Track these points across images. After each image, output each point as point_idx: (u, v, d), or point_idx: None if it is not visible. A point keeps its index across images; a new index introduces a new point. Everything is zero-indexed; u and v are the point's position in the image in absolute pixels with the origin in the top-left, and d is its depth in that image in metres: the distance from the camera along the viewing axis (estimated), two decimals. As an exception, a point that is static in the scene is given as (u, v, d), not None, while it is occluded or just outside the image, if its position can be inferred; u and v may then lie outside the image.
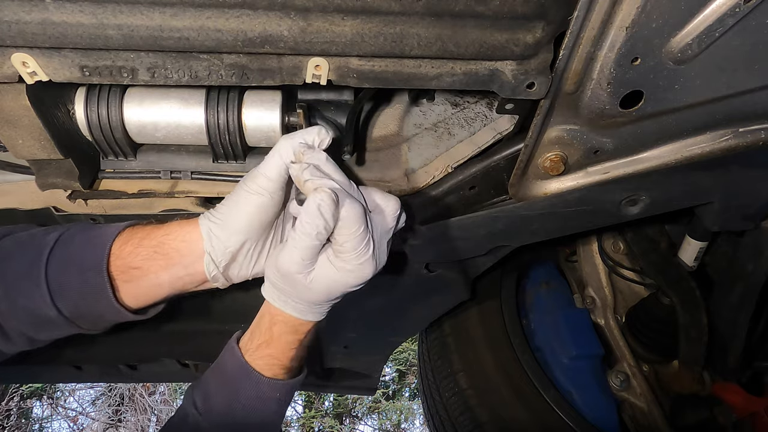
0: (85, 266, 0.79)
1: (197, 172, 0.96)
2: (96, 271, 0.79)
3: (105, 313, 0.81)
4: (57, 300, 0.78)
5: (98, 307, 0.80)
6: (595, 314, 1.71)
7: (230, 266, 0.83)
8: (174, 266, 0.81)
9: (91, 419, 6.67)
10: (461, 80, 0.78)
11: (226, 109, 0.88)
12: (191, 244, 0.81)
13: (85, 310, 0.80)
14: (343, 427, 6.98)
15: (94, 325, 0.84)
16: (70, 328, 0.82)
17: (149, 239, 0.82)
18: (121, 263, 0.80)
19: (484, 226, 1.04)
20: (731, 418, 1.44)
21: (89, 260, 0.79)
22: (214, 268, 0.81)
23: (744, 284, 1.35)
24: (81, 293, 0.79)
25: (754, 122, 0.87)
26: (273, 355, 0.85)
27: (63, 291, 0.78)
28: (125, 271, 0.81)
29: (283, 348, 0.85)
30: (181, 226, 0.83)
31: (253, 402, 0.84)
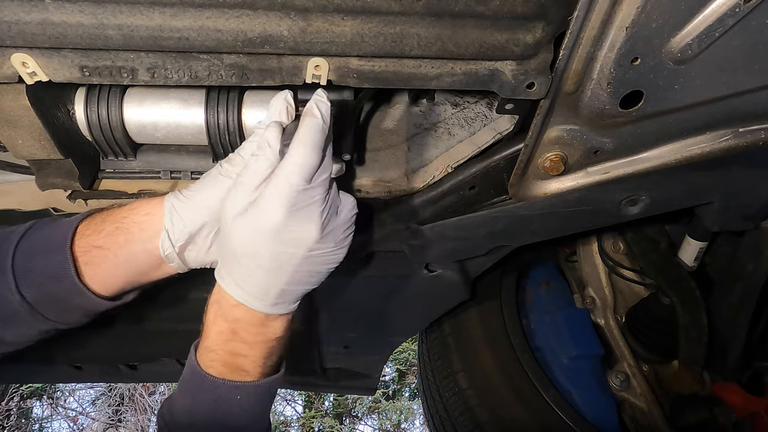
0: (49, 247, 0.76)
1: (197, 172, 0.96)
2: (59, 250, 0.75)
3: (70, 296, 0.77)
4: (21, 286, 0.74)
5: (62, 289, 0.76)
6: (595, 314, 1.71)
7: (187, 248, 0.80)
8: (133, 242, 0.78)
9: (91, 419, 6.66)
10: (461, 80, 0.78)
11: (226, 110, 0.88)
12: (153, 218, 0.78)
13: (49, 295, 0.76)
14: (343, 427, 6.98)
15: (61, 314, 0.79)
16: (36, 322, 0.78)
17: (113, 216, 0.79)
18: (84, 242, 0.77)
19: (484, 226, 1.04)
20: (731, 418, 1.44)
21: (54, 241, 0.77)
22: (170, 246, 0.78)
23: (744, 284, 1.35)
24: (44, 275, 0.75)
25: (754, 122, 0.87)
26: (210, 347, 0.78)
27: (27, 276, 0.75)
28: (87, 250, 0.77)
29: (216, 338, 0.78)
30: (147, 201, 0.80)
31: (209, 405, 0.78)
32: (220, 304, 0.78)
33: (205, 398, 0.78)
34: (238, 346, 0.78)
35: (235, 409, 0.78)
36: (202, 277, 1.09)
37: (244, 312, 0.77)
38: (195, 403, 0.78)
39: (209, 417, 0.78)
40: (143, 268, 0.80)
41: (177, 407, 0.80)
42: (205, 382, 0.77)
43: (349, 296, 1.35)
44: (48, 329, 0.80)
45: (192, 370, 0.79)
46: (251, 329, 0.77)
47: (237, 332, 0.77)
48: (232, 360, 0.78)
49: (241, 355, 0.78)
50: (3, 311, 0.75)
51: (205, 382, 0.78)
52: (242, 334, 0.77)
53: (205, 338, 0.79)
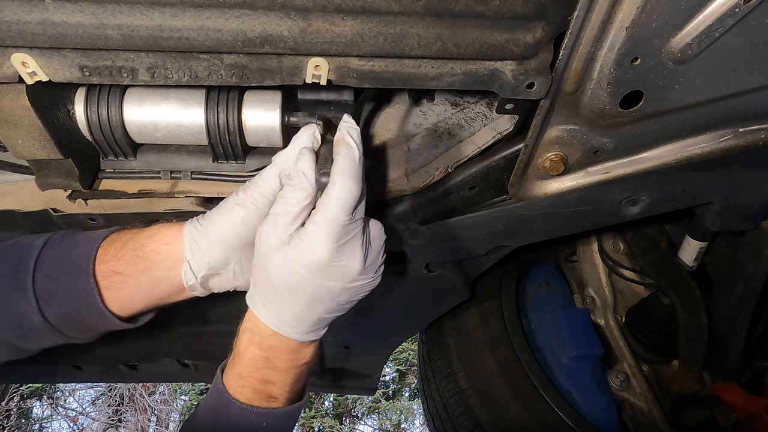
0: (71, 270, 0.77)
1: (197, 172, 0.96)
2: (83, 275, 0.76)
3: (91, 318, 0.78)
4: (43, 306, 0.76)
5: (85, 312, 0.78)
6: (595, 314, 1.71)
7: (210, 278, 0.81)
8: (153, 270, 0.79)
9: (91, 419, 6.67)
10: (461, 80, 0.78)
11: (226, 109, 0.88)
12: (172, 247, 0.79)
13: (70, 316, 0.78)
14: (343, 427, 6.98)
15: (79, 332, 0.81)
16: (53, 337, 0.79)
17: (132, 242, 0.80)
18: (104, 267, 0.78)
19: (484, 226, 1.04)
20: (731, 418, 1.44)
21: (76, 263, 0.78)
22: (192, 276, 0.79)
23: (744, 284, 1.35)
24: (68, 298, 0.77)
25: (754, 122, 0.87)
26: (241, 375, 0.79)
27: (49, 296, 0.76)
28: (107, 275, 0.78)
29: (249, 366, 0.78)
30: (166, 229, 0.81)
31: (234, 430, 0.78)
32: (253, 332, 0.78)
33: (230, 423, 0.78)
34: (270, 374, 0.79)
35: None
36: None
37: (279, 341, 0.77)
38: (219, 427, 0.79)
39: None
40: (164, 294, 0.82)
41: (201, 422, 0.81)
42: (233, 407, 0.78)
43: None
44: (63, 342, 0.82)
45: (219, 393, 0.79)
46: (284, 356, 0.78)
47: (270, 360, 0.78)
48: (262, 387, 0.79)
49: (271, 382, 0.79)
50: (23, 326, 0.77)
51: (233, 408, 0.78)
52: (275, 361, 0.78)
53: (236, 364, 0.79)
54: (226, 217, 0.78)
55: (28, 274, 0.76)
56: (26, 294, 0.75)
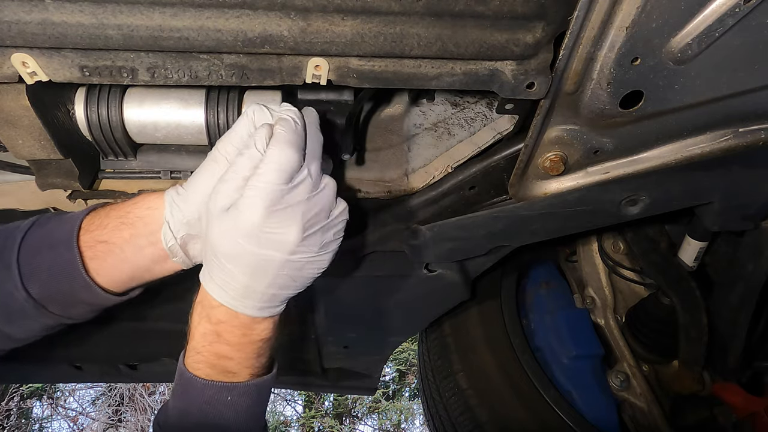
0: (55, 243, 0.76)
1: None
2: (66, 247, 0.76)
3: (76, 291, 0.77)
4: (26, 281, 0.74)
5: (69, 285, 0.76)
6: (595, 314, 1.71)
7: (189, 243, 0.79)
8: (137, 236, 0.78)
9: (91, 419, 6.66)
10: (461, 80, 0.78)
11: (226, 109, 0.88)
12: (155, 211, 0.78)
13: (55, 290, 0.77)
14: (343, 427, 6.98)
15: (65, 308, 0.79)
16: (42, 317, 0.78)
17: (117, 210, 0.79)
18: (89, 237, 0.77)
19: (484, 226, 1.04)
20: (731, 418, 1.44)
21: (60, 237, 0.77)
22: (171, 237, 0.77)
23: (744, 284, 1.35)
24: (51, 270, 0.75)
25: (754, 122, 0.87)
26: (196, 349, 0.78)
27: (33, 272, 0.75)
28: (92, 245, 0.77)
29: (201, 340, 0.77)
30: (149, 195, 0.80)
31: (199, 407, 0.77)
32: (203, 305, 0.77)
33: (194, 400, 0.77)
34: (223, 348, 0.77)
35: (226, 411, 0.77)
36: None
37: (227, 314, 0.75)
38: (186, 406, 0.78)
39: (201, 419, 0.77)
40: (149, 262, 0.80)
41: (170, 412, 0.80)
42: (194, 384, 0.77)
43: (349, 296, 1.34)
44: (53, 324, 0.81)
45: (180, 373, 0.79)
46: (235, 331, 0.76)
47: (221, 334, 0.76)
48: (218, 362, 0.77)
49: (226, 357, 0.77)
50: (9, 307, 0.76)
51: (194, 385, 0.77)
52: (226, 336, 0.76)
53: (191, 339, 0.79)
54: (202, 175, 0.77)
55: (13, 253, 0.75)
56: (10, 272, 0.74)
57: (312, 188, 0.73)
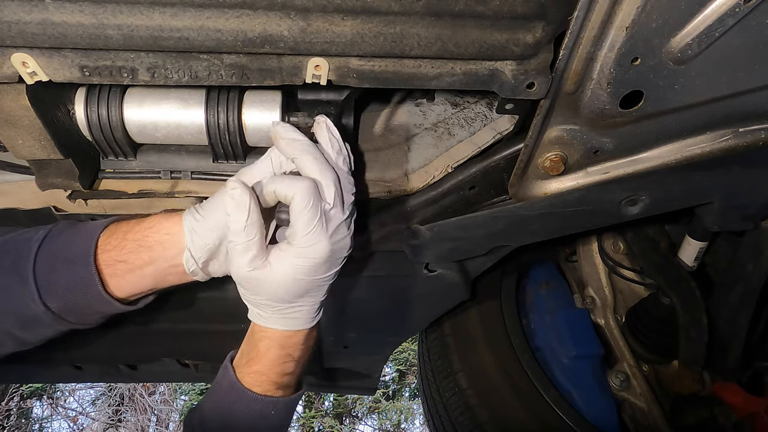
0: (72, 259, 0.80)
1: (197, 172, 0.96)
2: (84, 264, 0.79)
3: (93, 305, 0.81)
4: (45, 296, 0.78)
5: (86, 299, 0.80)
6: (595, 314, 1.71)
7: (209, 263, 0.84)
8: (158, 259, 0.82)
9: (91, 419, 6.67)
10: (461, 80, 0.78)
11: (226, 109, 0.88)
12: (174, 237, 0.82)
13: (72, 304, 0.80)
14: (343, 427, 6.98)
15: (81, 318, 0.84)
16: (57, 325, 0.82)
17: (133, 233, 0.83)
18: (107, 257, 0.81)
19: (484, 226, 1.04)
20: (731, 418, 1.44)
21: (76, 253, 0.80)
22: (194, 264, 0.82)
23: (744, 284, 1.35)
24: (69, 287, 0.79)
25: (754, 122, 0.87)
26: (261, 372, 0.86)
27: (50, 286, 0.79)
28: (111, 264, 0.81)
29: (270, 364, 0.86)
30: (166, 219, 0.84)
31: (246, 420, 0.84)
32: (272, 339, 0.85)
33: (240, 411, 0.85)
34: (290, 366, 0.87)
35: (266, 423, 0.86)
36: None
37: (299, 336, 0.86)
38: (231, 416, 0.85)
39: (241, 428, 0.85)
40: (171, 280, 0.86)
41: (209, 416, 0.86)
42: (244, 398, 0.85)
43: (348, 296, 1.34)
44: (66, 330, 0.85)
45: (231, 385, 0.86)
46: (301, 346, 0.87)
47: (291, 354, 0.86)
48: (281, 380, 0.87)
49: (289, 373, 0.88)
50: (25, 316, 0.79)
51: (246, 397, 0.85)
52: (295, 354, 0.87)
53: (255, 364, 0.86)
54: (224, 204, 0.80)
55: (29, 266, 0.78)
56: (27, 285, 0.77)
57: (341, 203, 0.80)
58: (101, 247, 0.82)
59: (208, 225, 0.81)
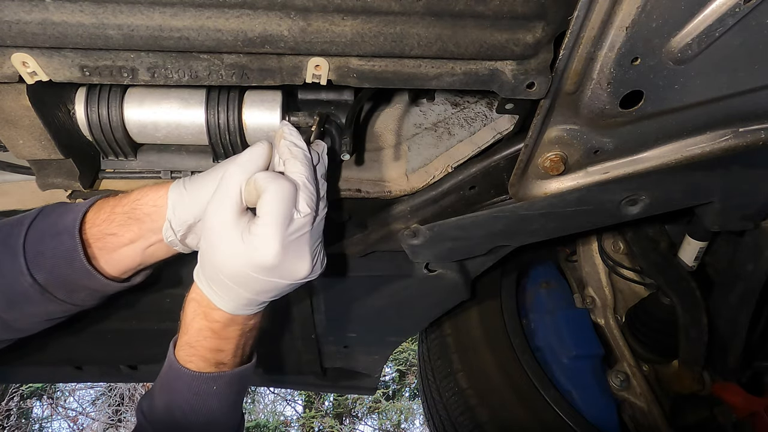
0: (59, 230, 0.80)
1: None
2: (69, 234, 0.80)
3: (78, 278, 0.81)
4: (32, 267, 0.79)
5: (71, 271, 0.80)
6: (595, 314, 1.71)
7: (188, 236, 0.85)
8: (146, 231, 0.83)
9: (91, 419, 6.66)
10: (461, 80, 0.78)
11: (226, 109, 0.88)
12: (161, 209, 0.83)
13: (58, 276, 0.81)
14: (343, 427, 6.98)
15: (69, 295, 0.83)
16: (46, 302, 0.82)
17: (121, 206, 0.83)
18: (96, 230, 0.82)
19: (484, 226, 1.04)
20: (731, 418, 1.44)
21: (63, 225, 0.81)
22: (172, 234, 0.83)
23: (744, 284, 1.35)
24: (54, 257, 0.80)
25: (754, 122, 0.87)
26: (190, 344, 0.82)
27: (37, 257, 0.79)
28: (100, 238, 0.82)
29: (197, 336, 0.82)
30: (153, 191, 0.84)
31: (187, 399, 0.82)
32: (199, 303, 0.82)
33: (183, 392, 0.82)
34: (218, 343, 0.82)
35: (212, 401, 0.82)
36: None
37: (224, 316, 0.81)
38: (173, 398, 0.83)
39: (187, 410, 0.82)
40: (159, 253, 0.86)
41: (156, 402, 0.85)
42: (184, 376, 0.82)
43: (349, 296, 1.34)
44: (57, 311, 0.85)
45: (170, 364, 0.84)
46: (230, 328, 0.83)
47: (216, 331, 0.82)
48: (212, 356, 0.83)
49: (220, 350, 0.83)
50: (14, 292, 0.80)
51: (184, 377, 0.82)
52: (221, 332, 0.82)
53: (184, 333, 0.83)
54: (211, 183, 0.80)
55: (20, 239, 0.79)
56: (16, 257, 0.78)
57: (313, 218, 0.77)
58: (90, 221, 0.82)
59: (194, 199, 0.81)
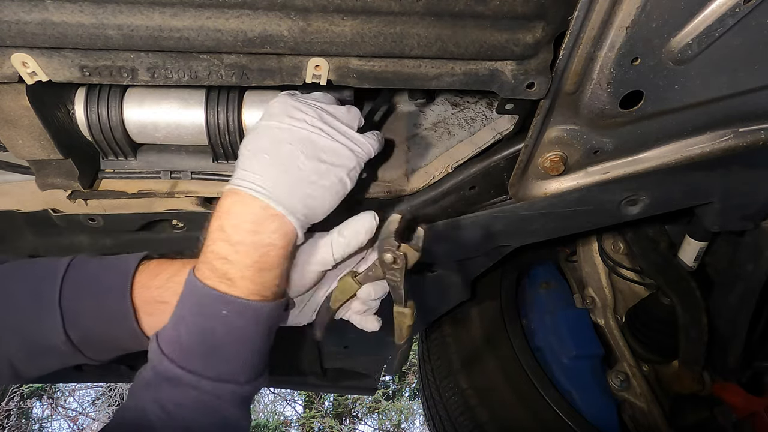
0: (103, 290, 0.74)
1: (197, 172, 0.96)
2: (118, 297, 0.74)
3: (122, 339, 0.76)
4: (68, 325, 0.72)
5: (115, 333, 0.75)
6: (595, 314, 1.71)
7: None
8: None
9: (91, 419, 6.66)
10: (461, 80, 0.78)
11: (226, 109, 0.88)
12: None
13: (97, 337, 0.75)
14: (343, 427, 6.98)
15: (99, 353, 0.78)
16: (70, 359, 0.76)
17: (179, 277, 0.74)
18: (147, 295, 0.75)
19: (484, 226, 1.04)
20: (731, 418, 1.44)
21: (109, 285, 0.75)
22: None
23: (744, 284, 1.35)
24: (98, 318, 0.74)
25: (754, 122, 0.87)
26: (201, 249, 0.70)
27: (78, 316, 0.73)
28: (150, 303, 0.75)
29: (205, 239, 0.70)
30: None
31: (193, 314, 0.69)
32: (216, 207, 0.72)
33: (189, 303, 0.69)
34: (224, 248, 0.68)
35: (219, 326, 0.68)
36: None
37: (234, 201, 0.69)
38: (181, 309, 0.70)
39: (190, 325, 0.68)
40: None
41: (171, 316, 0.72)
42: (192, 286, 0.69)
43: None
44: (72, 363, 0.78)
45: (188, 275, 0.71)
46: (242, 225, 0.69)
47: (225, 228, 0.69)
48: (218, 264, 0.69)
49: (226, 258, 0.68)
50: (40, 347, 0.74)
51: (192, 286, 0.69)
52: (230, 230, 0.69)
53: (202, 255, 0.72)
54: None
55: (55, 293, 0.72)
56: (52, 314, 0.72)
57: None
58: (140, 283, 0.75)
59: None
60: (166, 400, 0.66)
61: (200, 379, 0.67)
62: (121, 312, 0.74)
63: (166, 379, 0.67)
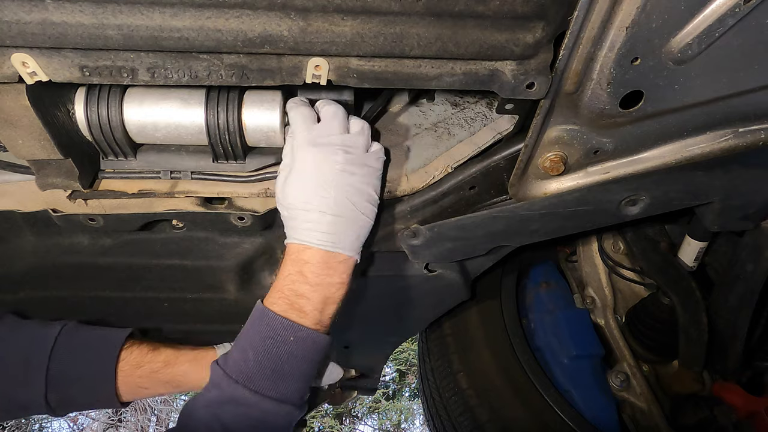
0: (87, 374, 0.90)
1: (197, 172, 0.96)
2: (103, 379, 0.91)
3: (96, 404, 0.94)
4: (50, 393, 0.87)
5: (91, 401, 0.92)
6: (595, 314, 1.71)
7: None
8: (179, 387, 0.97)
9: (91, 419, 6.66)
10: (461, 80, 0.78)
11: (226, 109, 0.88)
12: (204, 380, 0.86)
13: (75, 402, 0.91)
14: (343, 427, 6.98)
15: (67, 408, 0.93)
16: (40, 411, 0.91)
17: (161, 374, 0.95)
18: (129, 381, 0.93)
19: (484, 226, 1.04)
20: (731, 418, 1.44)
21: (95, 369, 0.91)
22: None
23: (744, 284, 1.35)
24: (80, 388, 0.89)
25: (754, 122, 0.87)
26: (277, 288, 0.86)
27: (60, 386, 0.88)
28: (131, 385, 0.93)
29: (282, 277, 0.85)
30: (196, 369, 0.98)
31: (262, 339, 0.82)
32: (288, 254, 0.87)
33: (260, 330, 0.83)
34: (303, 288, 0.85)
35: (285, 350, 0.82)
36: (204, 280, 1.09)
37: (312, 254, 0.85)
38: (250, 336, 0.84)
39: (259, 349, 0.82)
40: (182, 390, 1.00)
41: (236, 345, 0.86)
42: (264, 315, 0.83)
43: (349, 296, 1.34)
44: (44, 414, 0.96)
45: (257, 308, 0.86)
46: (318, 270, 0.85)
47: (304, 273, 0.85)
48: (296, 300, 0.85)
49: (304, 296, 0.85)
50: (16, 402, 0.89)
51: (264, 316, 0.84)
52: (309, 275, 0.85)
53: (275, 283, 0.87)
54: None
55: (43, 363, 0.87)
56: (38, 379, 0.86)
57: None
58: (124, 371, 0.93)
59: None
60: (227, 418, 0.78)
61: (263, 398, 0.79)
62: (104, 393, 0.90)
63: (231, 399, 0.78)
